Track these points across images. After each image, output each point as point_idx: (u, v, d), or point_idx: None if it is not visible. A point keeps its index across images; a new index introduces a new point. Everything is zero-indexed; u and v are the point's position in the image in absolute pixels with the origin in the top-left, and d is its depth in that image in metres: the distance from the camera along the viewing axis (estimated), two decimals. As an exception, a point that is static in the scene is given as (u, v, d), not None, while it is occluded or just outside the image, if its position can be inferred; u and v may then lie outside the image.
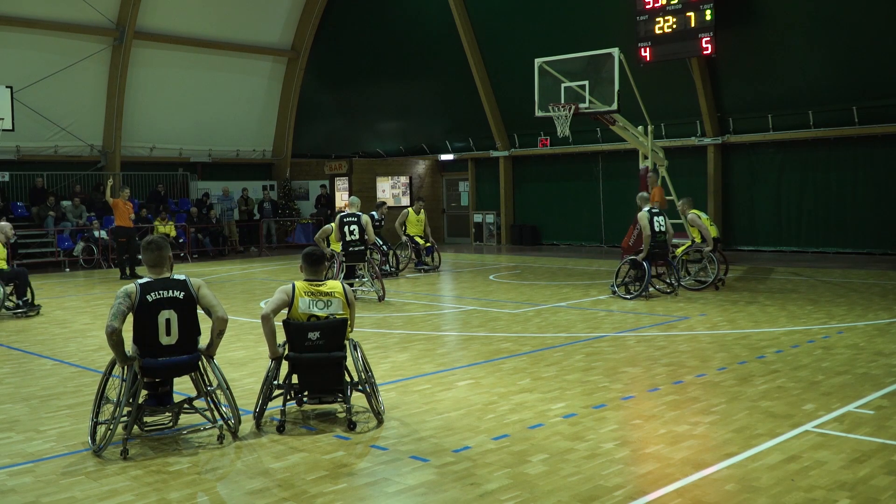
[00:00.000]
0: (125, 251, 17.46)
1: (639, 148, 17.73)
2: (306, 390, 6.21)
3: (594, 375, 7.69)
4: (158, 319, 5.70)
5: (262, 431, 6.02)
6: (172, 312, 5.73)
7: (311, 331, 6.06)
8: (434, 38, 24.95)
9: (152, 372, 5.75)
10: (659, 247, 12.96)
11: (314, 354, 6.07)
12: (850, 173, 18.09)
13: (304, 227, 25.93)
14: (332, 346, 6.10)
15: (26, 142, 21.92)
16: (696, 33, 19.05)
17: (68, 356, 9.19)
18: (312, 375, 6.15)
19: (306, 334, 6.06)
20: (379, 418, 6.21)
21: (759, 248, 20.51)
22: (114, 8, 22.69)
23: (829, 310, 11.33)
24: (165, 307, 5.71)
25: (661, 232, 12.98)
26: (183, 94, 24.88)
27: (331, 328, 6.09)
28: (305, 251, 6.50)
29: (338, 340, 6.12)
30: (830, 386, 7.11)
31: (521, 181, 25.14)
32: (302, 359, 6.09)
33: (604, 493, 4.73)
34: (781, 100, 19.50)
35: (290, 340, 6.14)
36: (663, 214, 13.29)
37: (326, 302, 6.19)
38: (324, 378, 6.15)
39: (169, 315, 5.72)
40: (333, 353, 6.09)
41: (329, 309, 6.18)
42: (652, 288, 13.10)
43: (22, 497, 4.85)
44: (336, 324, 6.12)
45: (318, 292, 6.21)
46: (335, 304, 6.20)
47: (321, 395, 6.26)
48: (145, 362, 5.69)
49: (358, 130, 28.64)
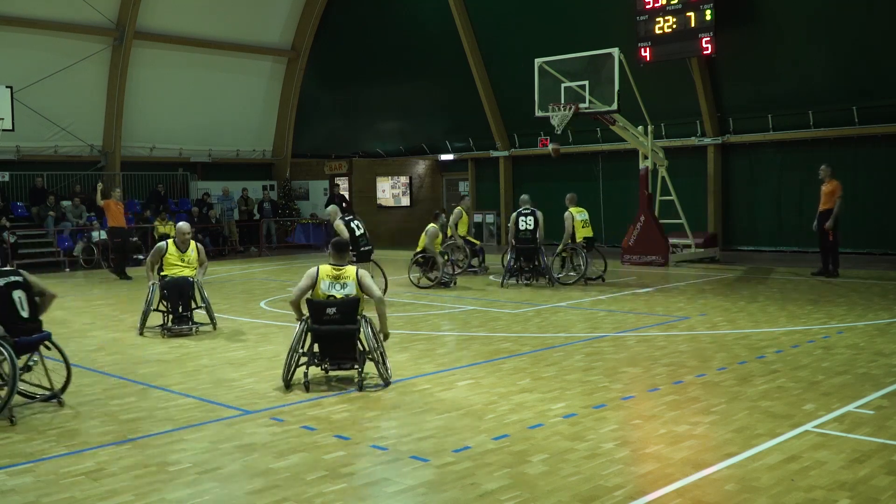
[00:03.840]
0: (121, 251, 17.42)
1: (639, 148, 17.74)
2: (326, 357, 7.36)
3: (594, 375, 7.69)
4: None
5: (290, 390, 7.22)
6: None
7: (329, 307, 7.21)
8: (434, 37, 24.95)
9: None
10: (521, 243, 14.19)
11: (331, 327, 7.22)
12: (850, 173, 18.06)
13: (304, 227, 25.94)
14: (346, 320, 7.24)
15: (26, 142, 21.91)
16: (696, 33, 19.05)
17: (68, 356, 9.16)
18: (330, 345, 7.33)
19: (325, 310, 7.22)
20: (386, 382, 7.32)
21: (759, 248, 20.50)
22: (114, 8, 22.68)
23: (829, 310, 11.33)
24: None
25: (526, 230, 14.11)
26: (183, 94, 24.87)
27: (345, 305, 7.21)
28: (334, 240, 7.77)
29: (351, 316, 7.24)
30: (830, 386, 7.11)
31: (521, 181, 25.13)
32: (321, 330, 7.25)
33: (604, 493, 4.73)
34: (781, 100, 19.50)
35: (312, 315, 7.27)
36: (533, 214, 14.23)
37: (343, 284, 7.31)
38: (340, 347, 7.33)
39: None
40: (347, 326, 7.24)
41: (344, 290, 7.29)
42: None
43: (22, 497, 4.85)
44: (350, 301, 7.23)
45: (337, 276, 7.34)
46: (350, 287, 7.30)
47: (339, 361, 7.39)
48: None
49: (358, 130, 28.63)
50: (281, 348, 9.37)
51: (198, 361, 8.73)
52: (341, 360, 7.38)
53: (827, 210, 14.99)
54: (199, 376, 8.02)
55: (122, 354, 9.25)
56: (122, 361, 8.85)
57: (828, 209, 14.98)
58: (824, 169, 15.25)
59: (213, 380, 7.85)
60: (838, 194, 14.97)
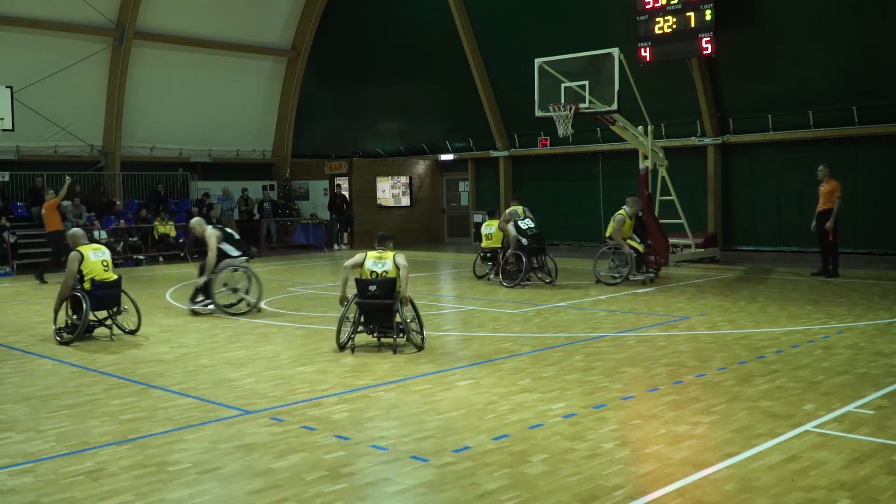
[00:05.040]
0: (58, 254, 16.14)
1: (639, 148, 17.73)
2: (370, 324, 9.18)
3: (594, 375, 7.69)
4: None
5: (342, 352, 8.98)
6: None
7: (371, 285, 9.03)
8: (434, 37, 24.94)
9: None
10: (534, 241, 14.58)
11: (372, 301, 9.04)
12: (850, 173, 18.06)
13: (304, 227, 25.93)
14: (385, 296, 9.00)
15: (26, 142, 21.90)
16: (696, 33, 19.04)
17: (68, 356, 9.19)
18: (373, 315, 9.15)
19: (367, 287, 9.05)
20: (418, 348, 9.02)
21: (759, 248, 20.50)
22: (114, 8, 22.67)
23: (829, 310, 11.33)
24: None
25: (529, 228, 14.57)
26: (183, 94, 24.85)
27: (384, 284, 9.02)
28: (379, 234, 9.61)
29: (388, 292, 9.01)
30: (830, 386, 7.11)
31: (521, 181, 25.13)
32: (364, 303, 9.10)
33: (604, 493, 4.73)
34: (781, 100, 19.49)
35: (359, 291, 9.11)
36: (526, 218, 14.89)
37: (383, 263, 9.13)
38: (380, 317, 9.11)
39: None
40: (385, 300, 9.02)
41: (384, 267, 9.09)
42: None
43: (22, 497, 4.85)
44: (387, 281, 9.03)
45: (379, 257, 9.22)
46: (388, 264, 9.10)
47: (381, 328, 9.15)
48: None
49: (358, 130, 28.63)
50: (281, 348, 9.41)
51: (198, 361, 8.74)
52: (382, 328, 9.14)
53: (825, 210, 14.99)
54: (199, 376, 8.02)
55: (122, 354, 9.25)
56: (122, 361, 8.85)
57: (826, 209, 14.98)
58: (823, 169, 15.25)
59: (213, 380, 7.86)
60: (837, 194, 14.96)
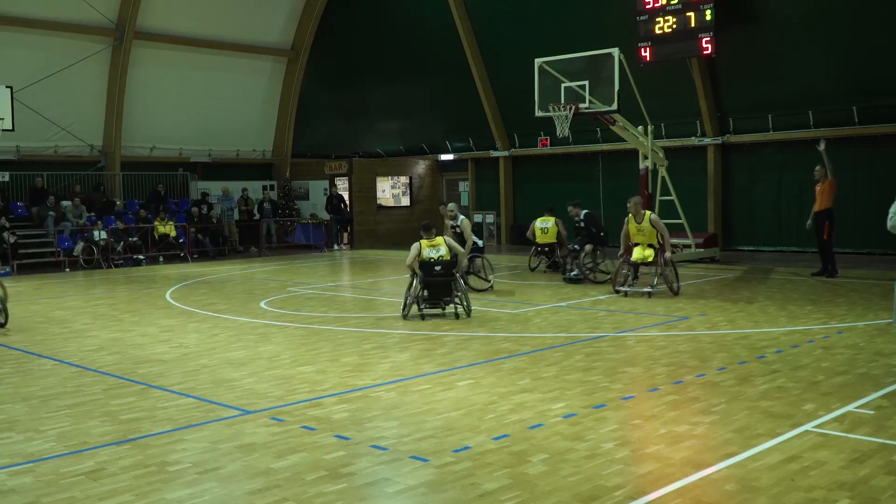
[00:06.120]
0: None
1: (639, 148, 17.73)
2: (433, 297, 11.21)
3: (594, 375, 7.69)
4: None
5: (407, 319, 11.01)
6: None
7: (436, 265, 11.12)
8: (434, 37, 24.94)
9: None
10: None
11: (437, 278, 11.12)
12: (850, 173, 18.07)
13: (304, 227, 25.94)
14: (447, 273, 11.14)
15: (26, 142, 21.91)
16: (696, 33, 19.04)
17: (68, 356, 9.19)
18: (436, 289, 11.23)
19: (433, 267, 11.13)
20: (468, 314, 11.18)
21: (759, 248, 20.50)
22: (114, 8, 22.69)
23: (829, 310, 11.33)
24: None
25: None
26: (183, 94, 24.87)
27: (446, 263, 11.17)
28: (423, 223, 11.70)
29: (449, 270, 11.15)
30: (830, 386, 7.11)
31: (521, 181, 25.13)
32: (430, 280, 11.14)
33: (604, 493, 4.73)
34: (781, 100, 19.49)
35: (423, 271, 11.11)
36: None
37: (437, 249, 11.25)
38: (442, 291, 11.23)
39: None
40: (447, 277, 11.12)
41: (439, 253, 11.22)
42: None
43: (22, 497, 4.85)
44: (448, 262, 11.19)
45: (431, 244, 11.28)
46: (442, 249, 11.25)
47: (443, 299, 11.26)
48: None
49: (358, 130, 28.64)
50: (281, 348, 9.41)
51: (198, 361, 8.74)
52: (444, 299, 11.24)
53: (822, 210, 15.00)
54: (199, 376, 8.02)
55: (122, 354, 9.25)
56: (122, 361, 8.85)
57: (823, 209, 15.00)
58: (819, 170, 15.25)
59: (213, 380, 7.86)
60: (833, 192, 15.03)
